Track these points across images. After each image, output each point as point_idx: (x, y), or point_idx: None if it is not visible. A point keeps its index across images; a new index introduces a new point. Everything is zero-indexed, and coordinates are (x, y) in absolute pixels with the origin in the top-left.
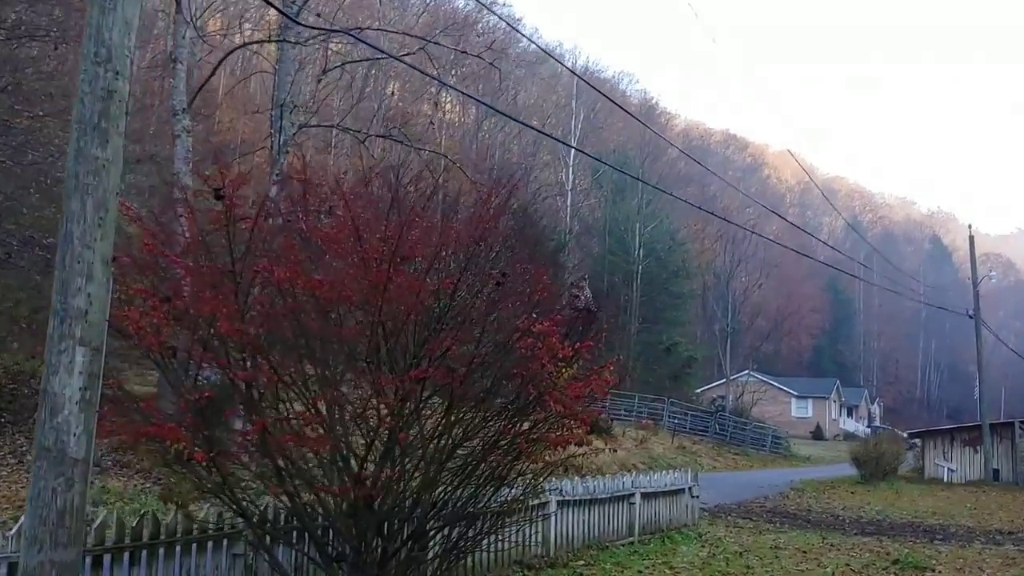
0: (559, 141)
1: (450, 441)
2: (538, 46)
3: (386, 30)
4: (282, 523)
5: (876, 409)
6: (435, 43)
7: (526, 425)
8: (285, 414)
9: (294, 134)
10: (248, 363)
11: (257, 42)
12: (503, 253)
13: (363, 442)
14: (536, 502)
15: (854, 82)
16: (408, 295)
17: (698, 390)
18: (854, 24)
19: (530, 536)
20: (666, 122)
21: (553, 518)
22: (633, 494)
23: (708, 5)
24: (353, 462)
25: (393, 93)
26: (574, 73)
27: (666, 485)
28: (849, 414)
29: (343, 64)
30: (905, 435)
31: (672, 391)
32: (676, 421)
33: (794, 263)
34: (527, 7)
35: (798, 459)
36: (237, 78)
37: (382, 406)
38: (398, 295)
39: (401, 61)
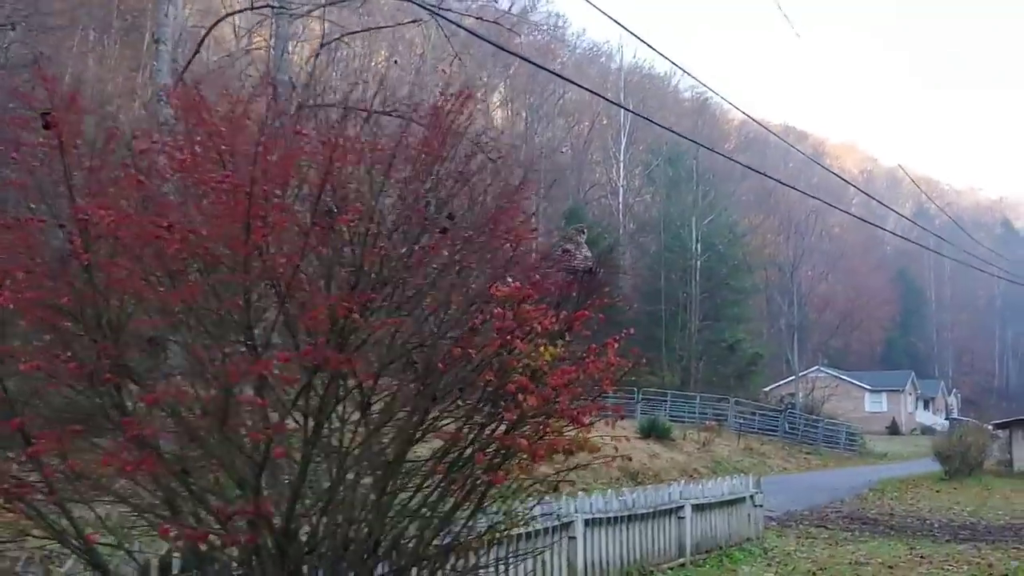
0: (598, 95)
1: (379, 456)
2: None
3: None
4: None
5: (954, 401)
6: (443, 12)
7: (496, 428)
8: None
9: (291, 115)
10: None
11: (244, 11)
12: (458, 191)
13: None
14: (557, 523)
15: (918, 72)
16: (292, 239)
17: (766, 388)
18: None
19: (552, 565)
20: (721, 116)
21: (580, 541)
22: (682, 506)
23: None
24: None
25: (394, 62)
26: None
27: (723, 494)
28: (926, 407)
29: (342, 36)
30: (989, 426)
31: (738, 390)
32: (742, 421)
33: (860, 255)
34: (573, 7)
35: (874, 456)
36: (228, 55)
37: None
38: (276, 240)
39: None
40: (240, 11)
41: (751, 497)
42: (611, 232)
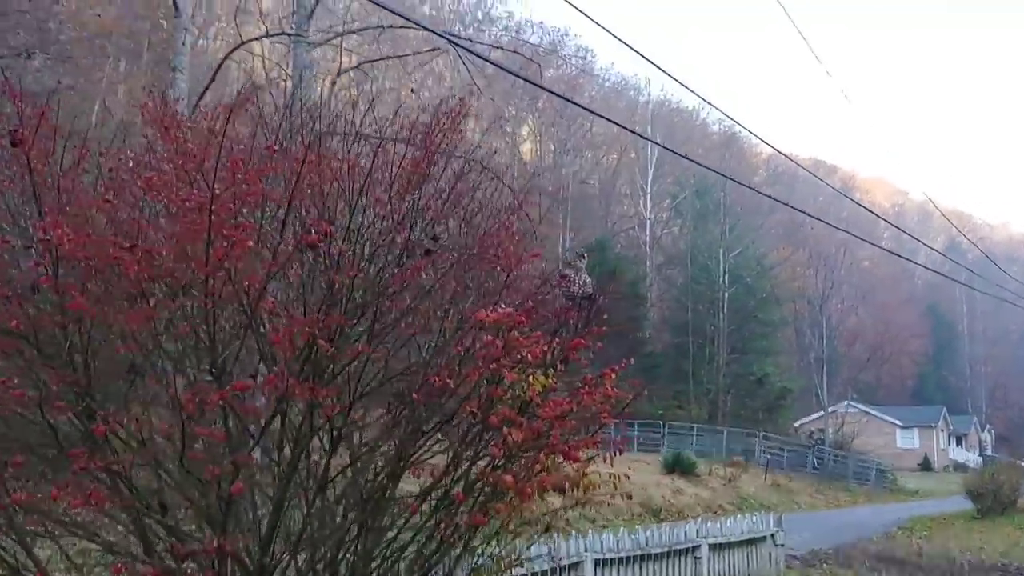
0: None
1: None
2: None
3: (410, 26)
4: None
5: (987, 437)
6: (461, 41)
7: (486, 464)
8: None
9: (308, 144)
10: None
11: (260, 37)
12: (447, 212)
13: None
14: (564, 563)
15: (947, 103)
16: (247, 259)
17: (795, 423)
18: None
19: None
20: (750, 149)
21: None
22: (699, 546)
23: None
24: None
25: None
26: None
27: (742, 532)
28: (958, 443)
29: (360, 65)
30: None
31: (766, 425)
32: (771, 456)
33: (891, 288)
34: (601, 42)
35: (905, 493)
36: (242, 84)
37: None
38: (241, 261)
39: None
40: (255, 39)
41: (772, 536)
42: (638, 264)
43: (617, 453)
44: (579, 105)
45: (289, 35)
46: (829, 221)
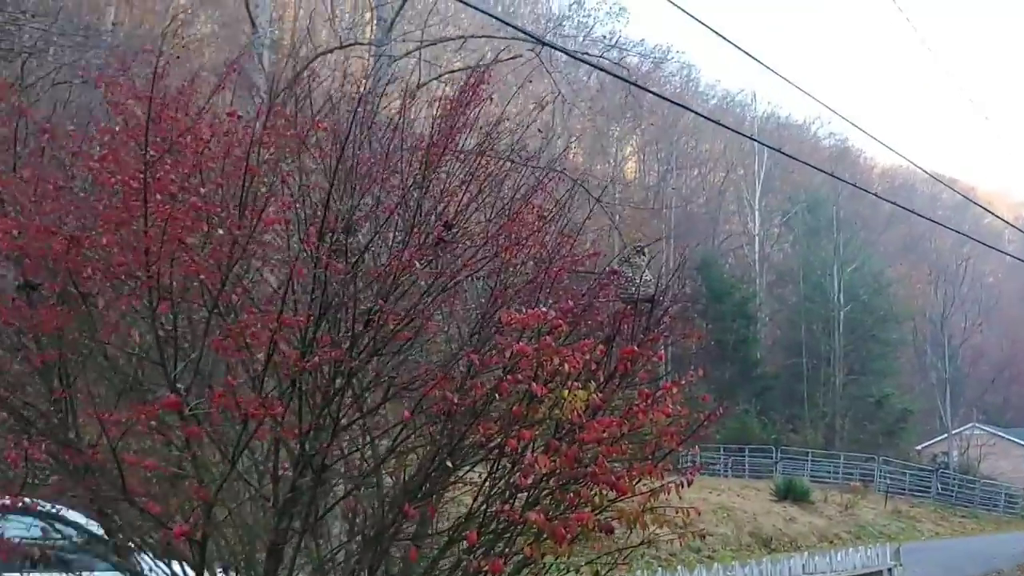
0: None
1: None
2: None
3: (493, 36)
4: None
5: None
6: (549, 44)
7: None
8: None
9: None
10: None
11: (337, 48)
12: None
13: None
14: None
15: None
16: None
17: (916, 447)
18: None
19: None
20: (864, 163)
21: None
22: None
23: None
24: None
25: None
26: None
27: (855, 567)
28: None
29: (440, 76)
30: None
31: (886, 449)
32: (891, 482)
33: (1017, 304)
34: (706, 58)
35: None
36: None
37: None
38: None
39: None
40: (331, 49)
41: (889, 570)
42: (748, 283)
43: (686, 484)
44: (690, 110)
45: (366, 45)
46: (951, 228)
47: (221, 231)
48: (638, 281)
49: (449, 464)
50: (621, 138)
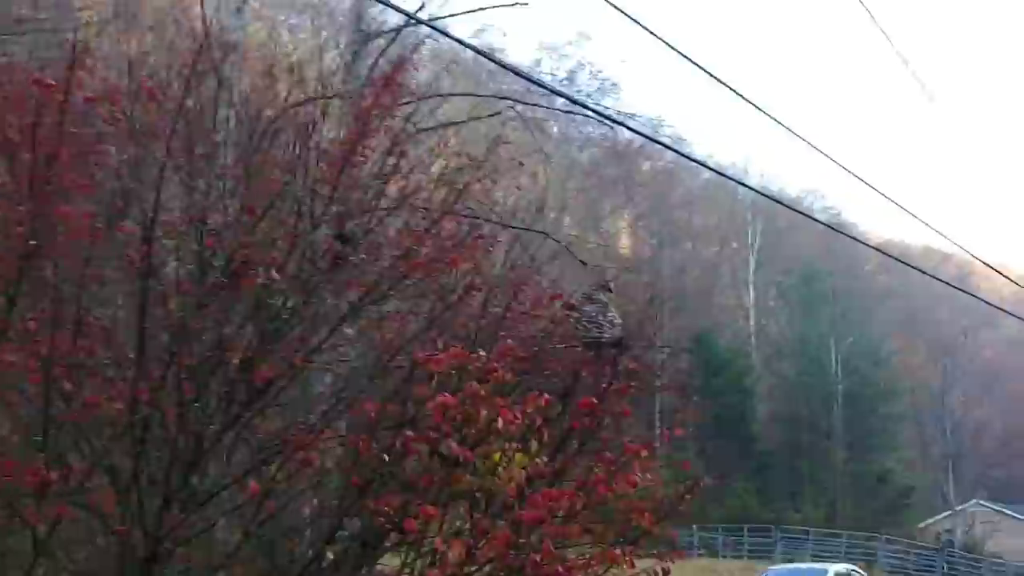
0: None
1: None
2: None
3: (473, 95)
4: None
5: None
6: (520, 101)
7: None
8: None
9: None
10: None
11: (310, 100)
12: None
13: None
14: None
15: None
16: None
17: (920, 524)
18: None
19: None
20: (858, 236)
21: None
22: None
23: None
24: None
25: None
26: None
27: None
28: None
29: (418, 132)
30: None
31: (888, 527)
32: (895, 561)
33: (1018, 377)
34: (698, 132)
35: None
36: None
37: None
38: None
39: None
40: (302, 102)
41: None
42: (744, 357)
43: (663, 572)
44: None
45: (337, 97)
46: (946, 309)
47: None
48: (602, 321)
49: (331, 556)
50: (614, 211)
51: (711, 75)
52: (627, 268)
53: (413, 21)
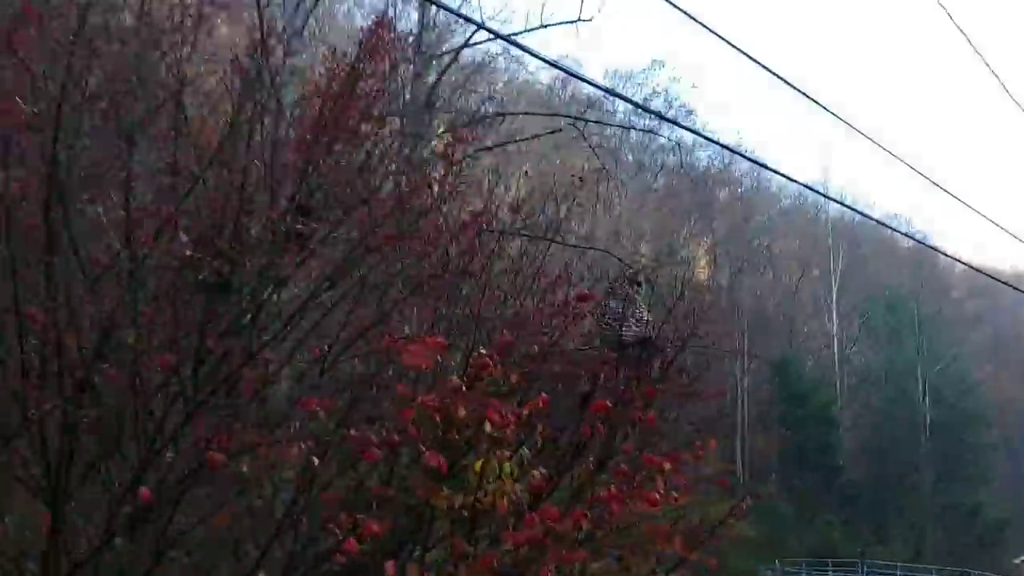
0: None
1: None
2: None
3: (534, 113)
4: None
5: None
6: (582, 119)
7: None
8: None
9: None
10: None
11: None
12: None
13: None
14: None
15: None
16: None
17: (1016, 560)
18: None
19: None
20: (944, 260)
21: None
22: None
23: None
24: None
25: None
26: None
27: None
28: None
29: (478, 151)
30: None
31: (981, 561)
32: None
33: None
34: (776, 156)
35: None
36: None
37: None
38: None
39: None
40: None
41: None
42: (828, 386)
43: None
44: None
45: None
46: None
47: None
48: (630, 318)
49: None
50: (691, 238)
51: (800, 91)
52: (705, 294)
53: (470, 43)
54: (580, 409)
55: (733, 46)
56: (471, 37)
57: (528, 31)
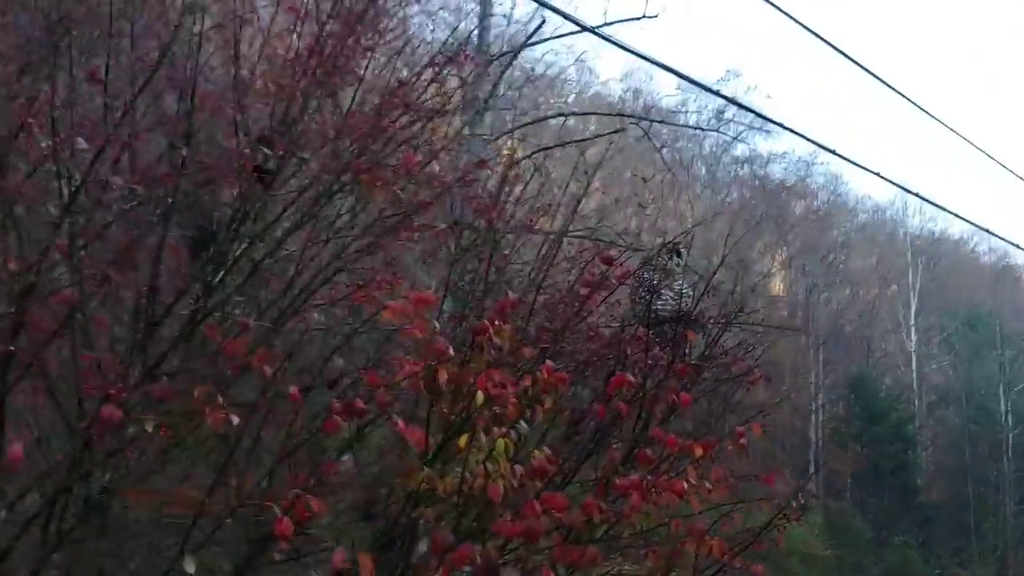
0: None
1: None
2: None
3: (595, 114)
4: None
5: None
6: (645, 119)
7: None
8: None
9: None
10: None
11: (436, 113)
12: None
13: None
14: None
15: None
16: None
17: None
18: None
19: None
20: None
21: None
22: None
23: None
24: None
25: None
26: None
27: None
28: None
29: (536, 152)
30: None
31: None
32: None
33: None
34: (852, 171)
35: None
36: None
37: None
38: None
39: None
40: (410, 126)
41: None
42: (906, 404)
43: None
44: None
45: (462, 136)
46: None
47: None
48: (668, 291)
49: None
50: (765, 253)
51: (906, 98)
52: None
53: (528, 43)
54: (604, 389)
55: (838, 50)
56: (538, 30)
57: (596, 28)
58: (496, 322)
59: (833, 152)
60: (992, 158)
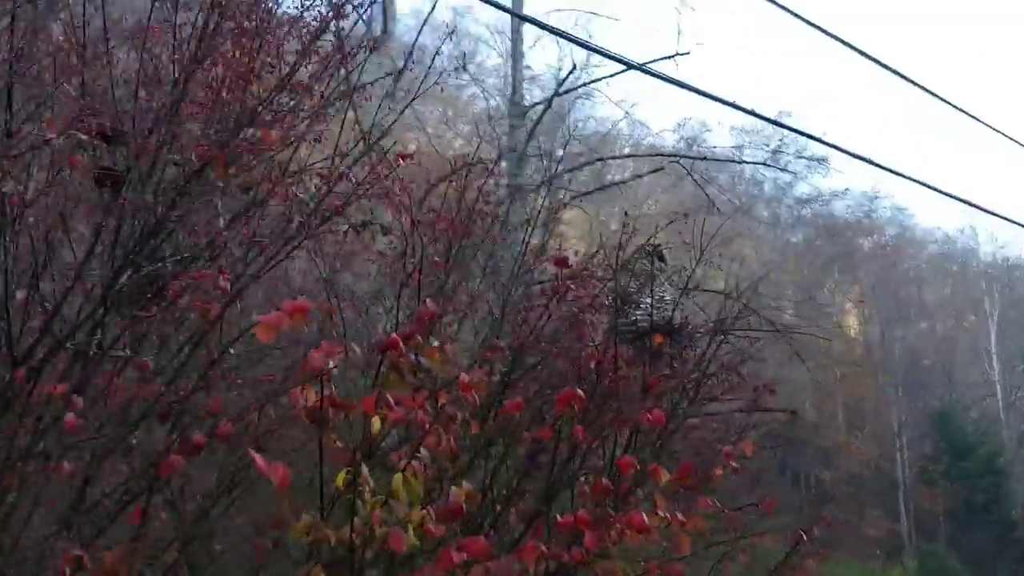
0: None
1: None
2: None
3: (634, 156)
4: None
5: None
6: (684, 156)
7: None
8: None
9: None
10: None
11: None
12: None
13: None
14: None
15: None
16: None
17: None
18: None
19: None
20: None
21: None
22: None
23: None
24: None
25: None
26: None
27: None
28: None
29: (575, 198)
30: None
31: None
32: None
33: None
34: (919, 199)
35: None
36: None
37: None
38: None
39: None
40: (450, 175)
41: None
42: (994, 435)
43: None
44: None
45: (501, 184)
46: None
47: None
48: (647, 299)
49: None
50: (835, 292)
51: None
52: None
53: (561, 92)
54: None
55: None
56: (570, 75)
57: (643, 65)
58: (416, 336)
59: (900, 175)
60: None
